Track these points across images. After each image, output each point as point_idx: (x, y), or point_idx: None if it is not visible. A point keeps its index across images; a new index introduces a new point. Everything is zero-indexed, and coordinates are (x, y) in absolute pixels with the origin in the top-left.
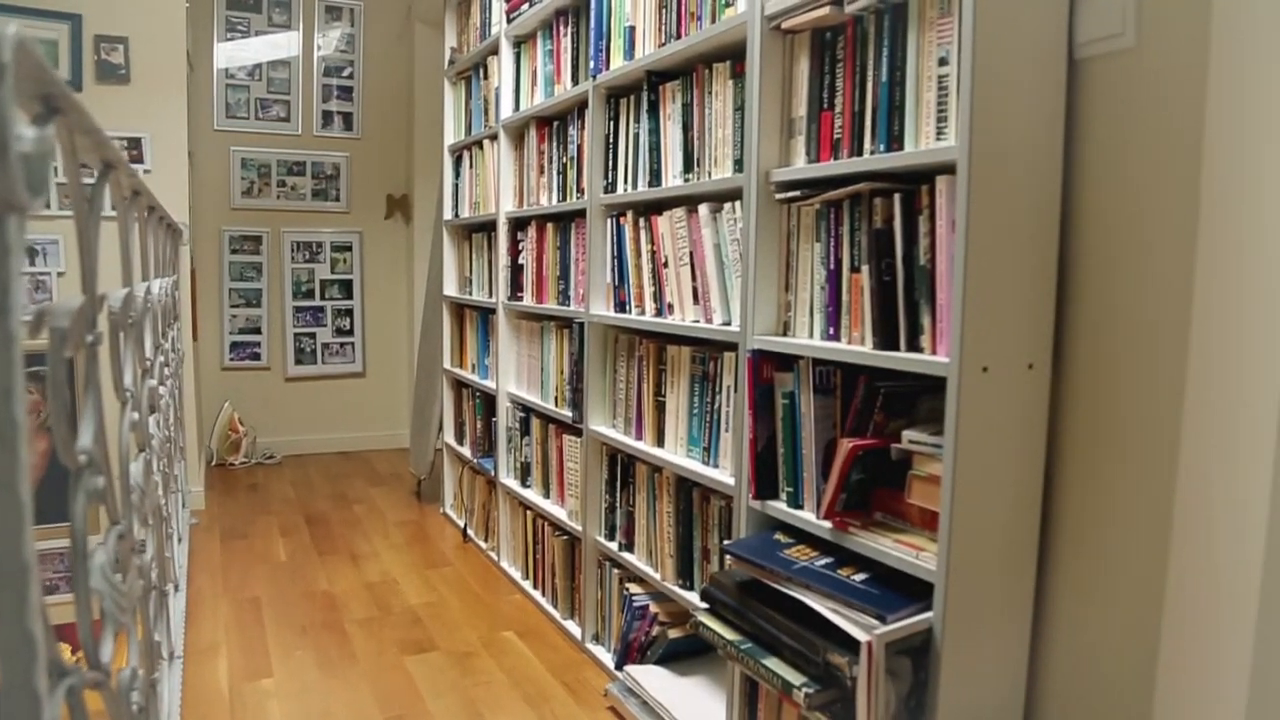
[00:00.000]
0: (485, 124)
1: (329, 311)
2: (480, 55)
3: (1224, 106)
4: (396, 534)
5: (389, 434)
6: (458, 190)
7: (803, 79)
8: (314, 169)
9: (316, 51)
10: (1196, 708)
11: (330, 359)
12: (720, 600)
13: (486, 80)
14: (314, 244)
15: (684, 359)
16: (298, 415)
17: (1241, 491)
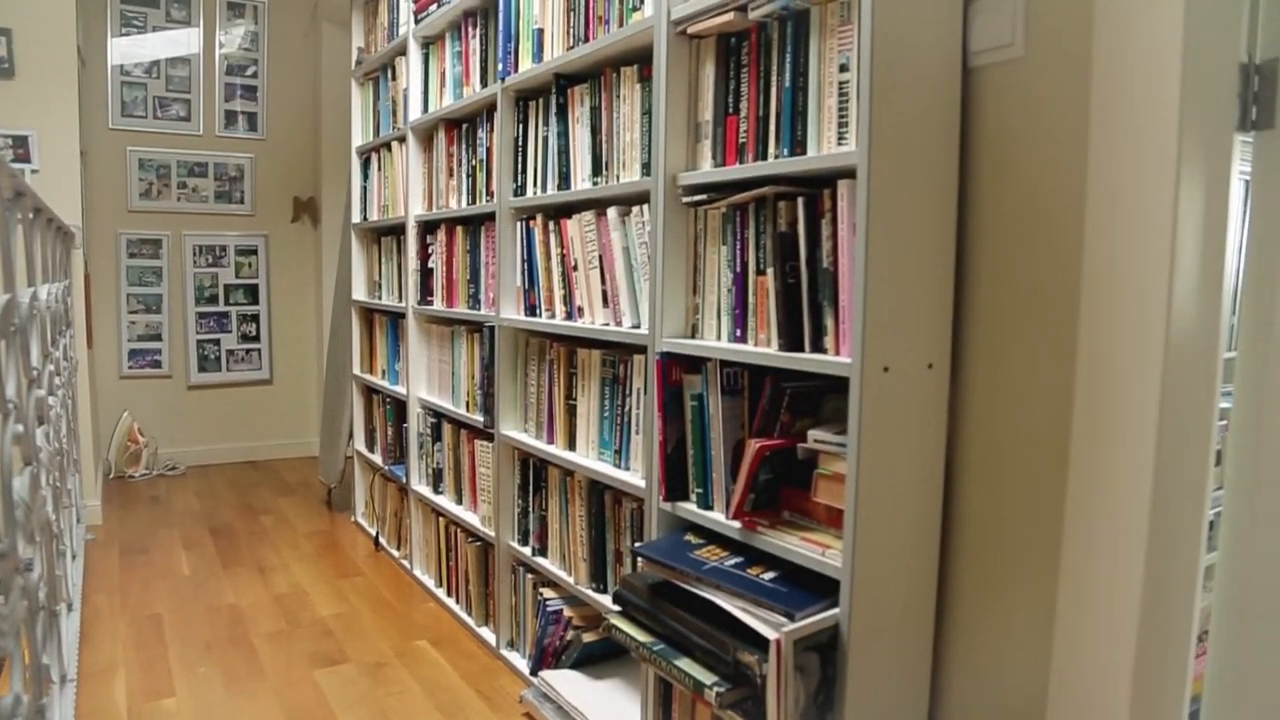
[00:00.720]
0: (393, 126)
1: (234, 317)
2: (388, 56)
3: (1106, 113)
4: (306, 544)
5: (298, 442)
6: (366, 193)
7: (709, 84)
8: (217, 170)
9: (218, 49)
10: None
11: (235, 366)
12: (632, 602)
13: (394, 81)
14: (218, 248)
15: (594, 362)
16: (202, 424)
17: (1125, 483)
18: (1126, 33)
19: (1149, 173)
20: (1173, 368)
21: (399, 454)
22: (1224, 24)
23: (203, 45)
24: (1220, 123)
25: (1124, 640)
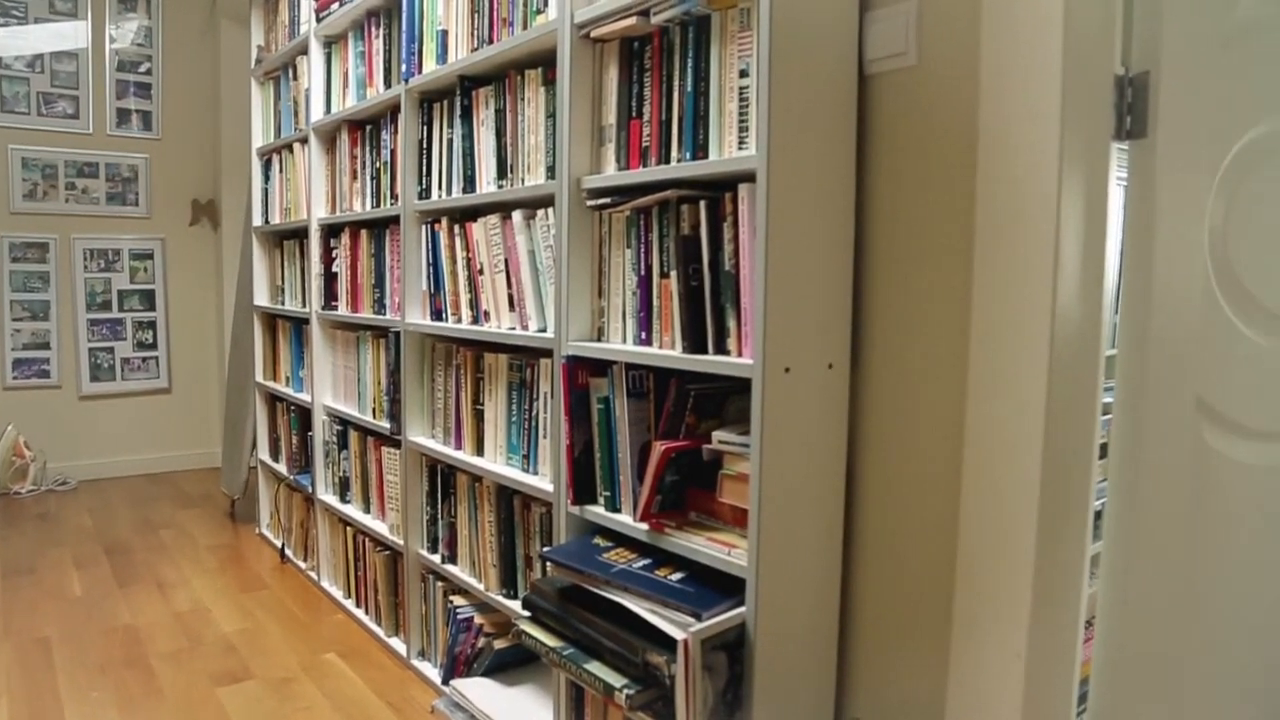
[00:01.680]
0: (295, 126)
1: (129, 324)
2: (289, 55)
3: (993, 121)
4: (208, 558)
5: (199, 453)
6: (267, 195)
7: (612, 87)
8: (109, 171)
9: (109, 44)
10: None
11: (131, 375)
12: (541, 607)
13: (296, 81)
14: (110, 252)
15: (501, 367)
16: (95, 436)
17: (1015, 477)
18: (1010, 45)
19: (1033, 179)
20: (1058, 365)
21: (304, 463)
22: (1100, 38)
23: (91, 39)
24: (1098, 132)
25: (1017, 626)
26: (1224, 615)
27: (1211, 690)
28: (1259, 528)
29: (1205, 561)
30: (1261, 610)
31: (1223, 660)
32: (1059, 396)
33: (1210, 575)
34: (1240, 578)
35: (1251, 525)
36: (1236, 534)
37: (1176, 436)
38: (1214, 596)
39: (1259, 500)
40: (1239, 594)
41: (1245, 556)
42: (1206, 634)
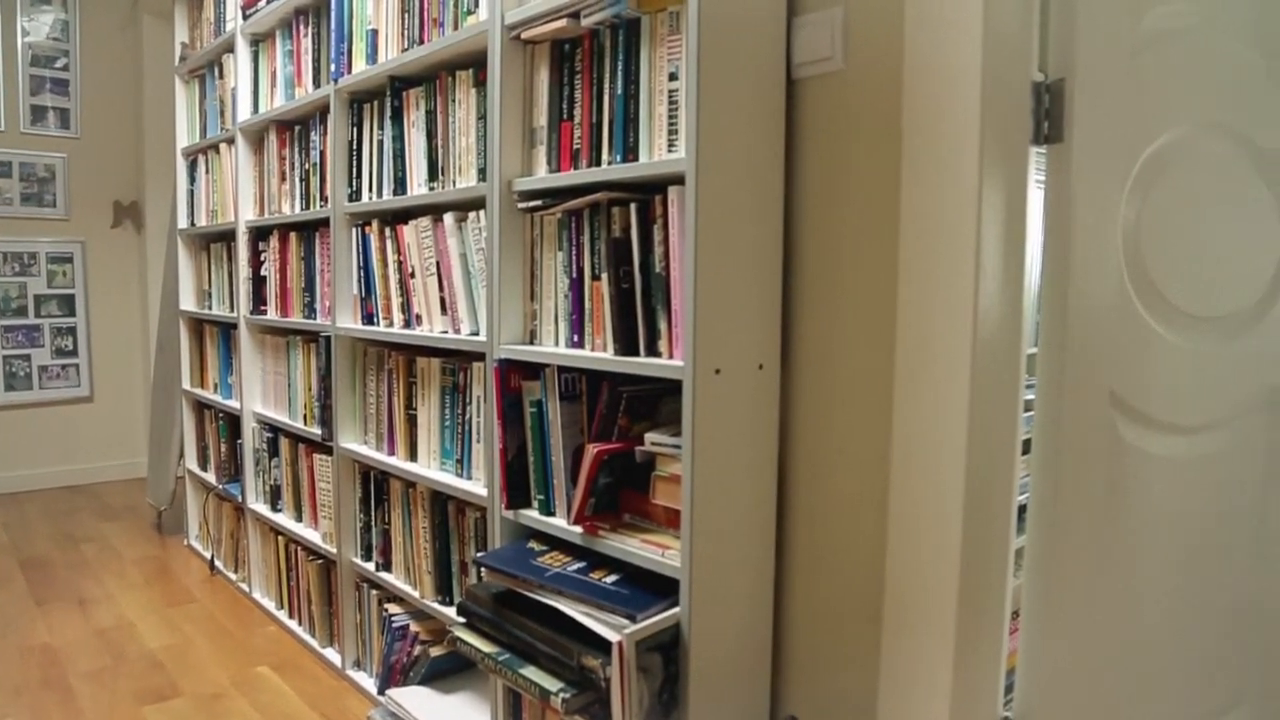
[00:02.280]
0: (221, 126)
1: (46, 330)
2: (215, 53)
3: (916, 126)
4: (134, 572)
5: (123, 463)
6: (193, 197)
7: (543, 89)
8: (24, 170)
9: (22, 38)
10: (914, 669)
11: (50, 383)
12: (476, 613)
13: (222, 80)
14: (26, 255)
15: (434, 371)
16: (11, 448)
17: (941, 473)
18: (932, 52)
19: (955, 182)
20: (980, 363)
21: (234, 471)
22: (1018, 46)
23: (1, 32)
24: (1017, 137)
25: (945, 620)
26: (1142, 602)
27: (1134, 676)
28: (1171, 516)
29: (1123, 551)
30: (1177, 595)
31: (1143, 647)
32: (982, 394)
33: (1128, 564)
34: (1155, 565)
35: (1164, 514)
36: (1151, 523)
37: (1094, 431)
38: (1132, 585)
39: (1171, 490)
40: (1155, 581)
41: (1160, 544)
42: (1126, 621)
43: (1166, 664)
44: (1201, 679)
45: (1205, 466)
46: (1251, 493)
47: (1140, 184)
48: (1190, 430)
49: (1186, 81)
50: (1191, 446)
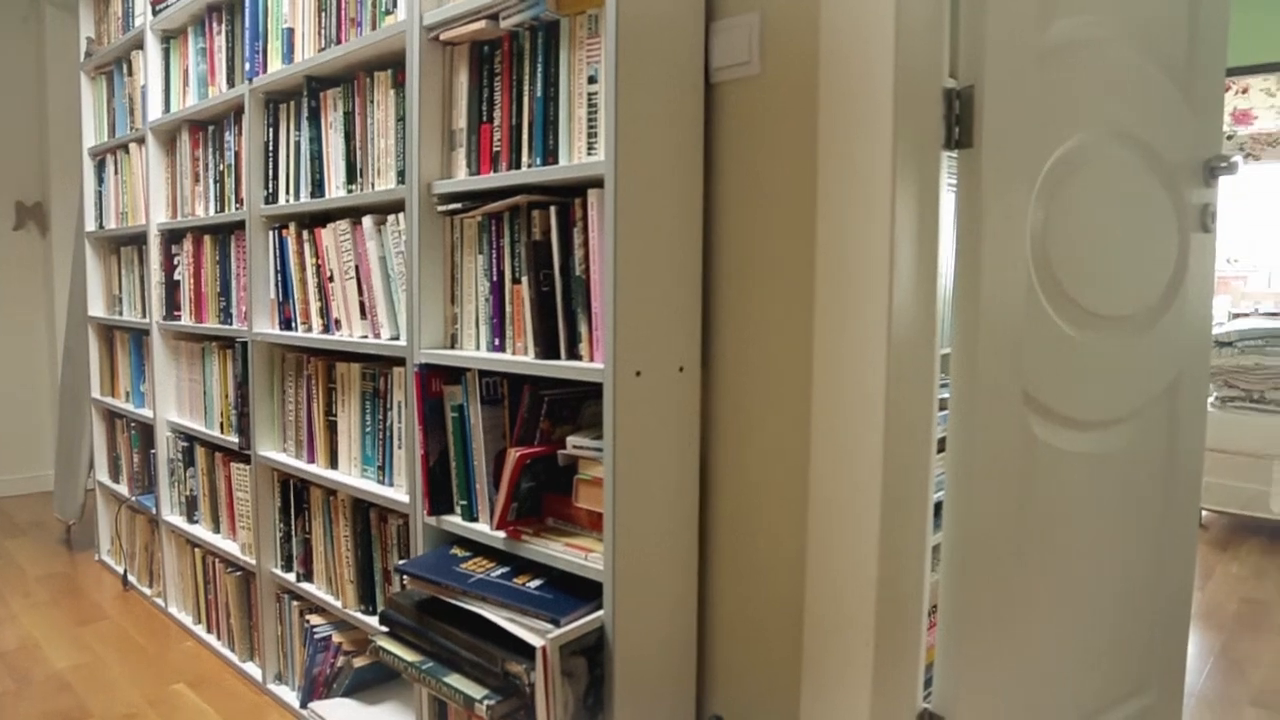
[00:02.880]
0: (131, 126)
1: None
2: (123, 49)
3: (831, 131)
4: (40, 590)
5: (28, 477)
6: (101, 198)
7: (463, 91)
8: None
9: None
10: (837, 667)
11: None
12: (399, 622)
13: (131, 77)
14: None
15: (354, 376)
16: None
17: (859, 472)
18: (846, 58)
19: (868, 186)
20: (895, 363)
21: (147, 483)
22: (929, 53)
23: None
24: (929, 142)
25: (865, 615)
26: (1054, 593)
27: (1046, 665)
28: (1081, 509)
29: (1035, 545)
30: (1085, 585)
31: (1054, 636)
32: (897, 394)
33: (1039, 557)
34: (1065, 557)
35: (1074, 507)
36: (1061, 517)
37: (1007, 429)
38: (1043, 577)
39: (1080, 484)
40: (1065, 572)
41: (1069, 537)
42: (1039, 612)
43: (1076, 652)
44: (1110, 665)
45: (1112, 460)
46: (1153, 483)
47: (1046, 188)
48: (1098, 425)
49: (1089, 90)
50: (1099, 441)
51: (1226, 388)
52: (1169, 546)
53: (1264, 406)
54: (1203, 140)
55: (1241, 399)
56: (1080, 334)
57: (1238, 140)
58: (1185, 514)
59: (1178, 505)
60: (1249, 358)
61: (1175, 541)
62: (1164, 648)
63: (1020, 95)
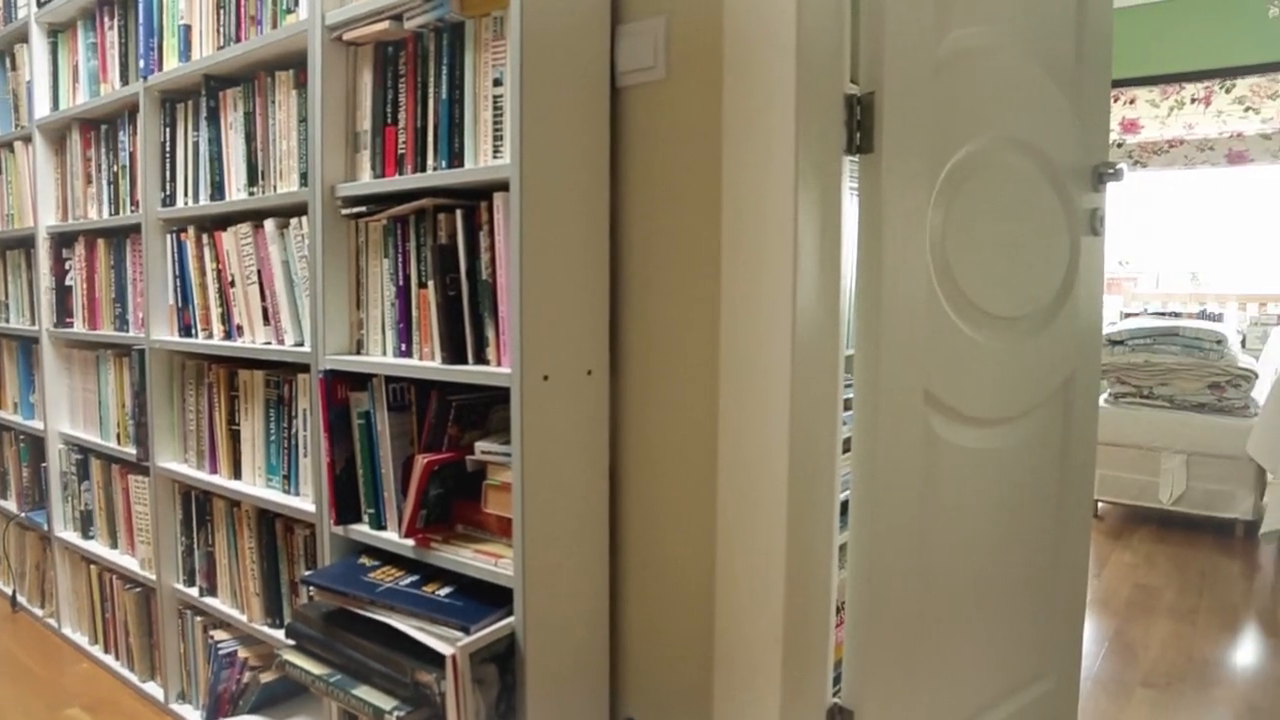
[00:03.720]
0: (16, 123)
1: None
2: (5, 42)
3: (735, 136)
4: None
5: None
6: None
7: (367, 92)
8: None
9: None
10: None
11: None
12: (306, 634)
13: (15, 72)
14: None
15: (257, 383)
16: None
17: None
18: (749, 64)
19: (772, 191)
20: (800, 364)
21: (38, 498)
22: (831, 60)
23: None
24: (830, 147)
25: (774, 613)
26: (956, 586)
27: (950, 656)
28: (981, 505)
29: (937, 540)
30: (986, 578)
31: (957, 628)
32: (802, 395)
33: (941, 552)
34: (966, 552)
35: (975, 503)
36: (963, 512)
37: (909, 428)
38: (946, 571)
39: (980, 480)
40: (966, 566)
41: (970, 532)
42: (942, 606)
43: (979, 642)
44: (1010, 655)
45: (1010, 455)
46: (1050, 477)
47: (945, 193)
48: (996, 422)
49: (984, 98)
50: (998, 438)
51: (1119, 384)
52: (1065, 537)
53: (1153, 402)
54: (1090, 147)
55: (1132, 395)
56: (979, 334)
57: (1126, 148)
58: (1080, 506)
59: (1072, 497)
60: (1139, 355)
61: (1071, 532)
62: (1061, 635)
63: (918, 102)
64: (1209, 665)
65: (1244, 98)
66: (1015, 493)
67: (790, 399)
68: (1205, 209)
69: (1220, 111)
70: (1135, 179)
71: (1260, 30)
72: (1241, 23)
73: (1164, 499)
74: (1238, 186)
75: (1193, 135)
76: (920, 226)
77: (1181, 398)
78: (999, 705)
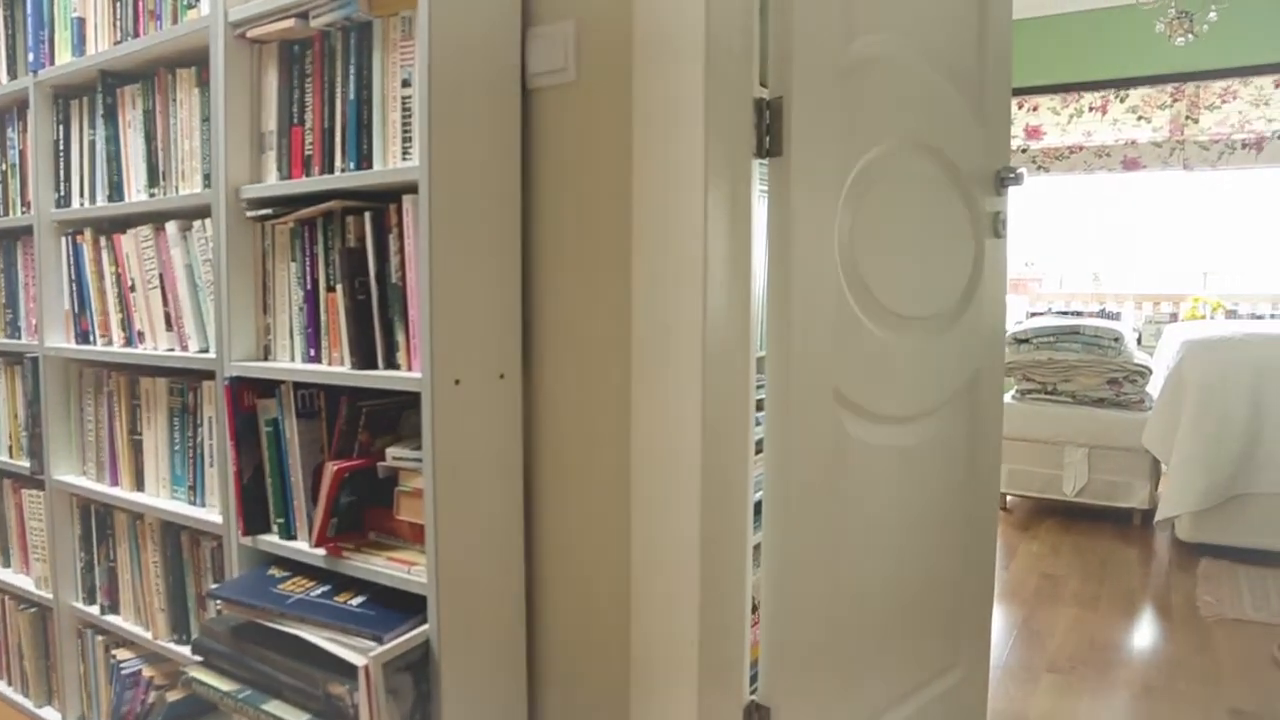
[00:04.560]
0: None
1: None
2: None
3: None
4: None
5: None
6: None
7: (272, 92)
8: None
9: None
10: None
11: None
12: (214, 649)
13: None
14: None
15: (160, 391)
16: None
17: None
18: (659, 66)
19: (682, 194)
20: (711, 366)
21: None
22: (740, 64)
23: None
24: (740, 150)
25: (690, 614)
26: (868, 582)
27: (864, 651)
28: (891, 501)
29: (849, 537)
30: (897, 572)
31: (870, 623)
32: (714, 395)
33: (854, 549)
34: (878, 547)
35: (885, 499)
36: (874, 509)
37: (821, 427)
38: (858, 567)
39: (890, 477)
40: (878, 562)
41: (881, 528)
42: (855, 601)
43: (892, 635)
44: (922, 647)
45: (919, 452)
46: (958, 473)
47: (853, 196)
48: (906, 420)
49: (890, 103)
50: (907, 435)
51: (1025, 381)
52: (973, 531)
53: (1056, 397)
54: (992, 152)
55: (1038, 391)
56: (887, 334)
57: (1031, 154)
58: (986, 501)
59: (980, 493)
60: (1043, 353)
61: (978, 526)
62: (971, 626)
63: (826, 106)
64: (1109, 649)
65: (1136, 107)
66: (925, 489)
67: (702, 400)
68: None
69: (1116, 120)
70: (1039, 183)
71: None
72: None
73: (1068, 491)
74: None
75: (1091, 142)
76: (829, 229)
77: (1083, 393)
78: (912, 696)
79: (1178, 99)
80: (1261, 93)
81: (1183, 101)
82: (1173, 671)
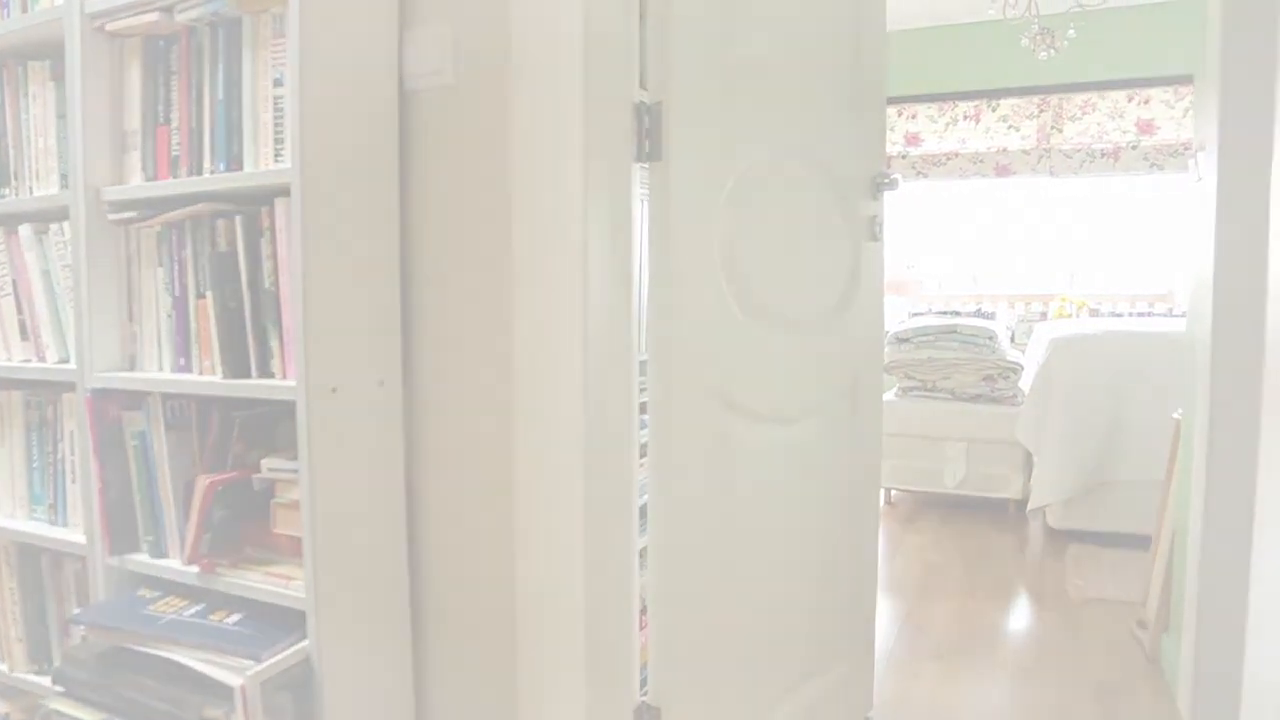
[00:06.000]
0: None
1: None
2: None
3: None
4: None
5: None
6: None
7: (135, 88)
8: None
9: None
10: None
11: None
12: (77, 679)
13: None
14: None
15: (15, 405)
16: None
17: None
18: (537, 70)
19: (561, 197)
20: (593, 369)
21: None
22: (619, 69)
23: None
24: (620, 154)
25: (575, 620)
26: (753, 582)
27: (752, 649)
28: (777, 499)
29: (733, 538)
30: (781, 571)
31: (756, 622)
32: (596, 400)
33: (737, 549)
34: (761, 547)
35: (768, 499)
36: (760, 507)
37: (704, 429)
38: (746, 566)
39: (773, 476)
40: (762, 561)
41: (764, 527)
42: (744, 600)
43: (779, 632)
44: (809, 640)
45: (802, 450)
46: (841, 469)
47: (733, 200)
48: (788, 420)
49: (770, 110)
50: (790, 435)
51: (906, 379)
52: (856, 527)
53: (936, 394)
54: (868, 158)
55: (919, 388)
56: (769, 335)
57: (910, 160)
58: (868, 497)
59: (862, 489)
60: (923, 352)
61: (861, 522)
62: (855, 619)
63: (707, 111)
64: (988, 634)
65: (1007, 116)
66: (808, 487)
67: (584, 403)
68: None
69: (988, 128)
70: (919, 188)
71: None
72: (1003, 51)
73: (948, 484)
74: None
75: (966, 149)
76: (710, 232)
77: (961, 390)
78: (799, 690)
79: (1044, 110)
80: (1116, 106)
81: (1048, 112)
82: (1045, 652)
